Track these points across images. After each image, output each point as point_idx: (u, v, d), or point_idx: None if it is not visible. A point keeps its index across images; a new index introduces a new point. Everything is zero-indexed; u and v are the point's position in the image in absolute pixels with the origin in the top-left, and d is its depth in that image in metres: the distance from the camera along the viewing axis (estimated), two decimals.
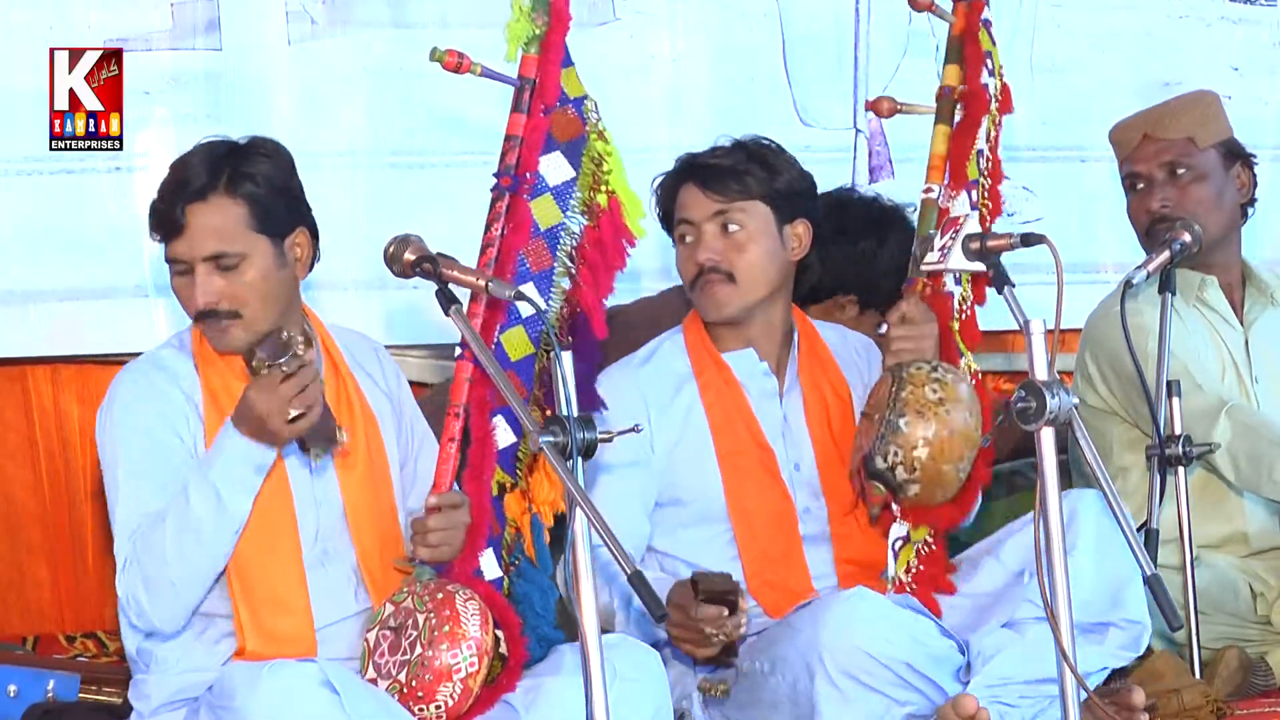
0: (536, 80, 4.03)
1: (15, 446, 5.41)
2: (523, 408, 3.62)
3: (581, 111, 4.06)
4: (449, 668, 3.73)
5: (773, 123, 5.85)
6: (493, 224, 4.00)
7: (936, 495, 4.18)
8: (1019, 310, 3.88)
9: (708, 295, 4.27)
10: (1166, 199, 4.88)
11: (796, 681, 3.98)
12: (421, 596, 3.79)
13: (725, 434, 4.28)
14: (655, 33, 5.80)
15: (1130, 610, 4.19)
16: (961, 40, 4.52)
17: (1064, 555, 3.70)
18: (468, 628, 3.74)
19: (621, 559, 3.39)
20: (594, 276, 4.09)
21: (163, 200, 3.86)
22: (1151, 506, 4.57)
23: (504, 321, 3.99)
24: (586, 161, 4.06)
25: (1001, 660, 4.07)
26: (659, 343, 4.41)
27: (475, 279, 3.75)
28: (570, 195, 4.05)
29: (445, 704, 3.74)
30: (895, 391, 4.14)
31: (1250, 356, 4.98)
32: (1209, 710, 4.46)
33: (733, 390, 4.32)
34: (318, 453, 3.80)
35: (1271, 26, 6.36)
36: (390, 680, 3.76)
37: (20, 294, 5.25)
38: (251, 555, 3.81)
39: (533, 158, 4.01)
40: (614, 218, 4.10)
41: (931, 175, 4.44)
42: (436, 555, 3.88)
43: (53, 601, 5.43)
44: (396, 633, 3.78)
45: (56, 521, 5.43)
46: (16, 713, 4.43)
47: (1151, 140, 4.93)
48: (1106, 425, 4.96)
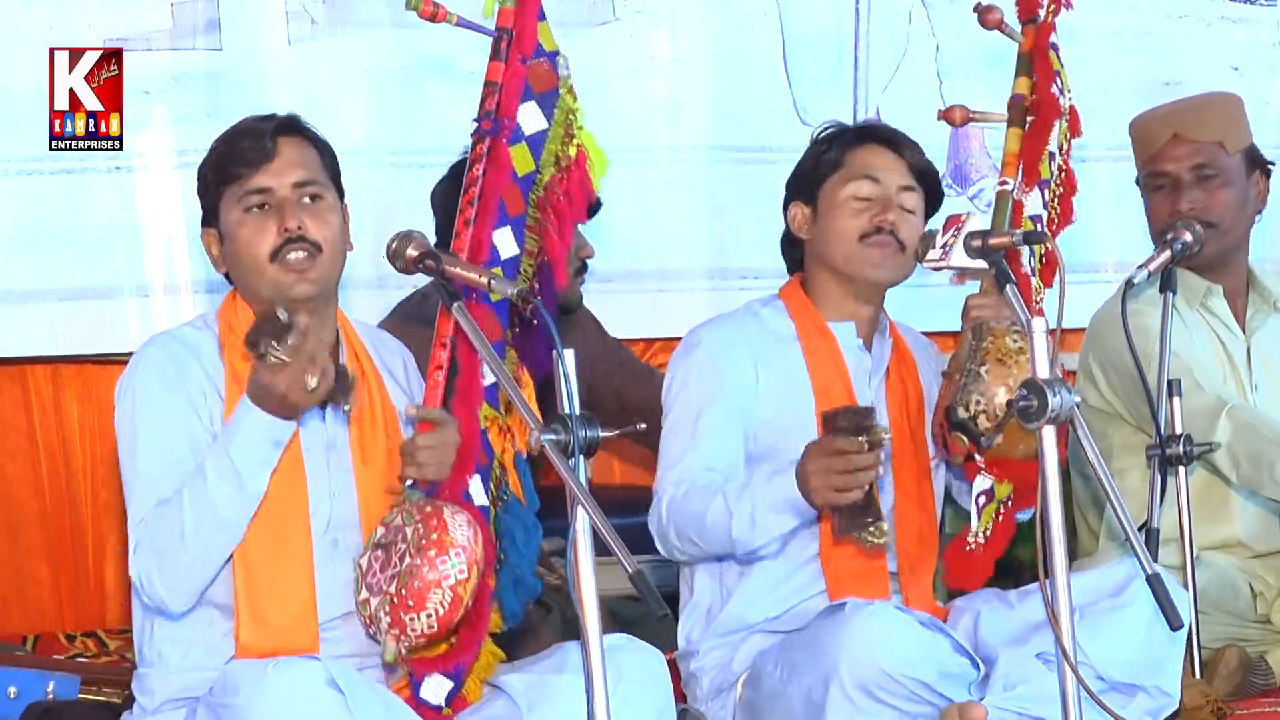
0: (513, 31, 4.04)
1: (15, 446, 5.41)
2: (524, 404, 3.62)
3: (555, 65, 4.08)
4: (439, 575, 3.68)
5: (773, 123, 5.87)
6: (474, 164, 4.01)
7: (1019, 447, 4.12)
8: (1021, 309, 3.88)
9: (883, 255, 4.28)
10: (1194, 202, 4.87)
11: (811, 691, 3.98)
12: (410, 512, 3.75)
13: (826, 397, 4.27)
14: (655, 33, 5.81)
15: (1165, 681, 4.15)
16: (1031, 56, 4.56)
17: (1065, 558, 3.71)
18: (456, 535, 3.71)
19: (623, 558, 3.39)
20: (560, 226, 4.09)
21: (248, 133, 3.85)
22: (1152, 506, 4.57)
23: (486, 260, 3.98)
24: (559, 113, 4.08)
25: (1025, 690, 4.06)
26: (753, 306, 4.42)
27: (477, 276, 3.74)
28: (541, 146, 4.06)
29: (436, 612, 3.69)
30: (976, 343, 4.12)
31: (1251, 363, 4.98)
32: (1209, 710, 4.46)
33: (835, 358, 4.32)
34: (345, 403, 3.76)
35: (1271, 26, 6.37)
36: (381, 595, 3.71)
37: (20, 294, 5.25)
38: (259, 540, 3.78)
39: (512, 104, 4.02)
40: (581, 170, 4.11)
41: (1005, 170, 4.47)
42: (424, 474, 3.84)
43: (53, 601, 5.43)
44: (386, 550, 3.75)
45: (56, 521, 5.43)
46: (16, 714, 4.43)
47: (1182, 141, 4.91)
48: (1107, 426, 4.96)
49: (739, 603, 4.26)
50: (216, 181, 3.87)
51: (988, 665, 4.12)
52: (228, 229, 3.86)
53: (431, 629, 3.72)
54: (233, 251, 3.87)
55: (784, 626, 4.20)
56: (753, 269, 5.54)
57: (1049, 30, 4.57)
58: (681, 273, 5.84)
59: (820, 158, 4.37)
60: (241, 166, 3.83)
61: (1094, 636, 4.03)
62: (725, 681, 4.26)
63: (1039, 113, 4.50)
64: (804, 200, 4.36)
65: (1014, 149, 4.48)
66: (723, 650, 4.27)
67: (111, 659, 5.17)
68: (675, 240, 5.83)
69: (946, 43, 6.01)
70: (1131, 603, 4.09)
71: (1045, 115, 4.50)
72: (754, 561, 4.22)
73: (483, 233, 3.97)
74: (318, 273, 3.83)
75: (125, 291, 5.31)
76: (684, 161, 5.87)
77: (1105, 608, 4.11)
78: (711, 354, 4.30)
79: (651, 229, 5.82)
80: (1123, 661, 4.05)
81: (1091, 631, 4.03)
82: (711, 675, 4.28)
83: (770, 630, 4.22)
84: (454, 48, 5.55)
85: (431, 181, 5.11)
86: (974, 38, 5.97)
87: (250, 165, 3.83)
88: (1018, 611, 4.19)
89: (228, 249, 3.88)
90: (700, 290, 5.86)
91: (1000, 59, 4.56)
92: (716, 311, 5.64)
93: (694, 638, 4.32)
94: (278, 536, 3.80)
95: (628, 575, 3.38)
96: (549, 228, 4.06)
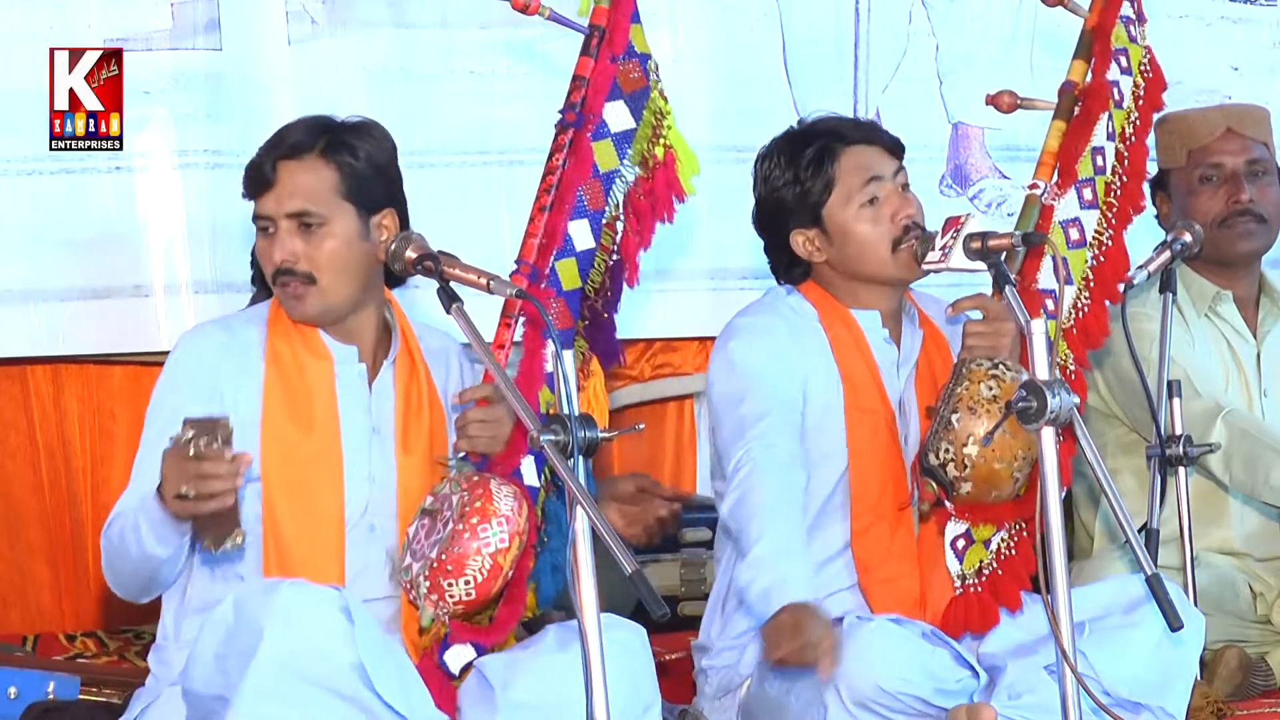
0: (605, 30, 4.06)
1: (16, 446, 5.40)
2: (526, 407, 3.61)
3: (646, 69, 4.10)
4: (479, 543, 3.70)
5: (773, 123, 5.84)
6: (554, 155, 4.04)
7: (989, 494, 4.09)
8: (1021, 310, 3.87)
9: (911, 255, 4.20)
10: (1253, 194, 4.87)
11: (810, 705, 3.99)
12: (458, 481, 3.78)
13: (851, 387, 4.23)
14: (655, 33, 5.74)
15: (1171, 703, 4.13)
16: (1093, 35, 4.44)
17: (1065, 559, 3.71)
18: (499, 505, 3.72)
19: (622, 558, 3.39)
20: (640, 225, 4.12)
21: (257, 156, 3.90)
22: (1152, 507, 4.57)
23: (560, 247, 4.01)
24: (648, 114, 4.11)
25: (1030, 700, 4.05)
26: (771, 296, 4.35)
27: (477, 277, 3.74)
28: (628, 144, 4.10)
29: (474, 579, 3.71)
30: (952, 387, 4.09)
31: (1261, 370, 4.98)
32: (1209, 711, 4.46)
33: (861, 348, 4.27)
34: (209, 545, 3.68)
35: (1271, 26, 6.36)
36: (423, 560, 3.73)
37: (20, 294, 5.24)
38: (291, 518, 3.83)
39: (598, 100, 4.06)
40: (668, 171, 4.14)
41: (1040, 172, 4.38)
42: (475, 446, 3.88)
43: (53, 601, 5.43)
44: (433, 517, 3.77)
45: (57, 521, 5.42)
46: (16, 714, 4.43)
47: (1237, 135, 4.93)
48: (1104, 426, 4.96)
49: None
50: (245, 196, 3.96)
51: (995, 674, 4.10)
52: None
53: (469, 596, 3.72)
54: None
55: None
56: (753, 269, 5.53)
57: (1118, 4, 4.45)
58: (681, 273, 5.83)
59: (806, 185, 4.25)
60: (248, 190, 3.91)
61: (1102, 652, 4.02)
62: (731, 683, 4.26)
63: (1085, 104, 4.40)
64: (806, 226, 4.27)
65: (1052, 147, 4.38)
66: (732, 652, 4.26)
67: (111, 659, 5.18)
68: (675, 240, 5.82)
69: (946, 43, 6.01)
70: (1142, 621, 4.07)
71: (1091, 106, 4.39)
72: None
73: (558, 222, 4.02)
74: (313, 300, 3.89)
75: (125, 291, 5.30)
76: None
77: (1115, 624, 4.10)
78: (761, 350, 4.23)
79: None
80: (1129, 679, 4.03)
81: (1099, 647, 4.03)
82: (720, 675, 4.28)
83: None
84: (454, 48, 5.56)
85: (432, 181, 5.11)
86: (974, 38, 6.00)
87: (253, 191, 3.90)
88: (1026, 620, 4.17)
89: None
90: (700, 290, 5.85)
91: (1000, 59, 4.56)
92: (716, 311, 5.67)
93: (713, 634, 4.31)
94: (310, 515, 3.84)
95: (627, 575, 3.38)
96: (628, 226, 4.08)
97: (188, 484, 3.56)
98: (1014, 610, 4.16)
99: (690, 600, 5.39)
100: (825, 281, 4.31)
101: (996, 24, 5.90)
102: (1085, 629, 4.04)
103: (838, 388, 4.23)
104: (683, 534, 5.48)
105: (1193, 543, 4.62)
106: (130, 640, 5.27)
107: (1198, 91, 5.85)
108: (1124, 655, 4.05)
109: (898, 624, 4.04)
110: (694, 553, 5.48)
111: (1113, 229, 4.41)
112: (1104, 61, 4.43)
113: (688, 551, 5.49)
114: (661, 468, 6.02)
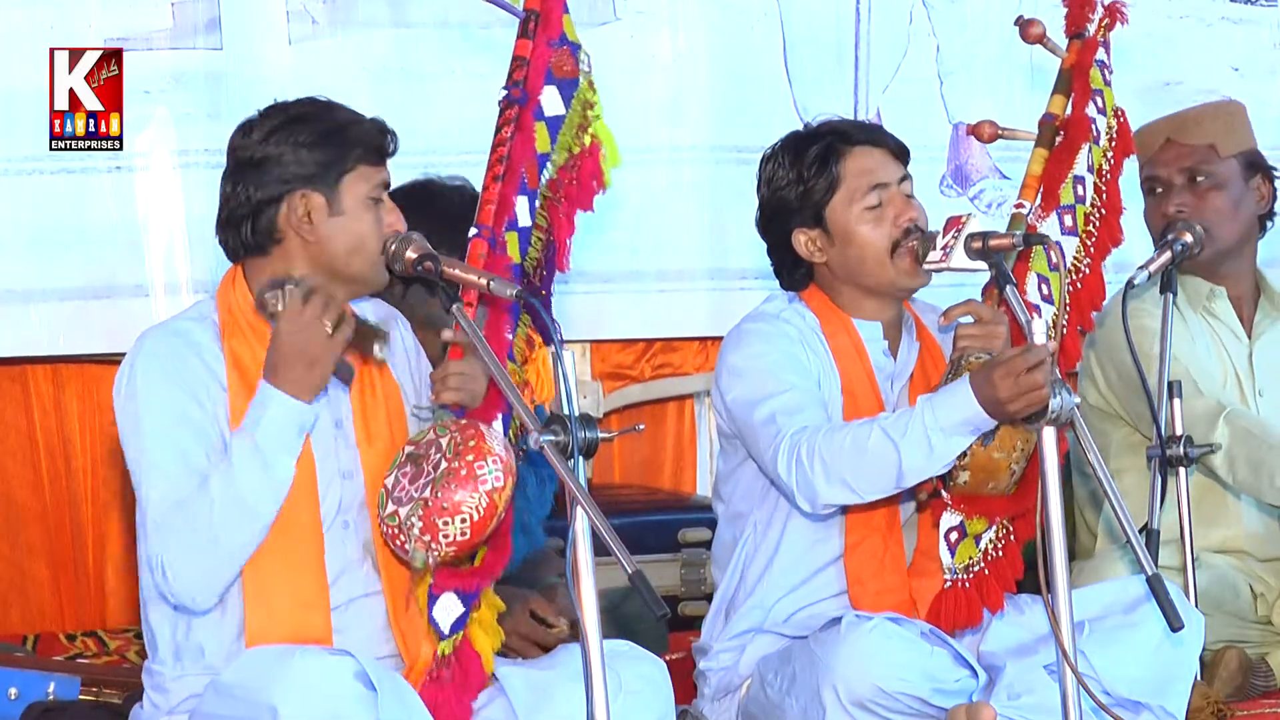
0: (540, 14, 4.06)
1: (16, 446, 5.41)
2: (526, 407, 3.61)
3: (577, 58, 4.10)
4: (475, 480, 3.62)
5: (773, 123, 5.85)
6: (503, 128, 4.02)
7: (987, 484, 4.08)
8: (1021, 310, 3.87)
9: (913, 262, 4.21)
10: (1183, 204, 4.88)
11: (809, 707, 3.99)
12: (444, 425, 3.71)
13: (850, 397, 4.22)
14: (655, 33, 5.81)
15: (1171, 703, 4.12)
16: (1071, 74, 4.49)
17: (1065, 559, 3.71)
18: (493, 444, 3.65)
19: (622, 559, 3.38)
20: (569, 210, 4.09)
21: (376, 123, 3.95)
22: (1152, 507, 4.57)
23: (510, 219, 4.01)
24: (576, 103, 4.09)
25: (1029, 701, 4.04)
26: (772, 305, 4.33)
27: (476, 277, 3.74)
28: (557, 131, 4.08)
29: (470, 517, 3.61)
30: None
31: (1254, 369, 4.98)
32: (1209, 711, 4.46)
33: (862, 358, 4.27)
34: (380, 348, 3.77)
35: (1271, 26, 6.37)
36: (413, 502, 3.64)
37: (20, 294, 5.25)
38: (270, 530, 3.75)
39: (538, 82, 4.05)
40: (593, 160, 4.11)
41: (1024, 193, 4.40)
42: (457, 399, 3.82)
43: (53, 601, 5.43)
44: (417, 462, 3.68)
45: (57, 521, 5.43)
46: (16, 714, 4.43)
47: (1174, 145, 4.93)
48: (1106, 426, 4.96)
49: (758, 597, 4.25)
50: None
51: (994, 674, 4.10)
52: None
53: (464, 535, 3.63)
54: None
55: (791, 631, 4.20)
56: (753, 269, 5.54)
57: (1095, 47, 4.51)
58: (681, 273, 5.83)
59: (810, 183, 4.25)
60: (358, 148, 3.97)
61: (1102, 651, 4.02)
62: (730, 684, 4.26)
63: (1067, 134, 4.44)
64: (808, 225, 4.27)
65: (1036, 171, 4.41)
66: (731, 653, 4.26)
67: (111, 659, 5.18)
68: (675, 240, 5.83)
69: (946, 43, 6.01)
70: (1143, 621, 4.06)
71: (1073, 137, 4.43)
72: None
73: (509, 193, 4.00)
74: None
75: (125, 291, 5.30)
76: (684, 161, 5.87)
77: (1116, 624, 4.10)
78: (777, 347, 4.21)
79: (651, 229, 5.82)
80: (1129, 679, 4.03)
81: (1100, 646, 4.03)
82: (719, 676, 4.28)
83: (779, 633, 4.21)
84: (454, 48, 5.56)
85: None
86: (974, 38, 6.00)
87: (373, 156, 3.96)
88: (1027, 620, 4.17)
89: None
90: (700, 290, 5.86)
91: (1000, 59, 4.56)
92: (716, 311, 5.67)
93: (714, 634, 4.31)
94: (286, 520, 3.73)
95: (627, 575, 3.38)
96: (558, 210, 4.08)
97: (327, 317, 3.64)
98: (995, 610, 4.17)
99: (690, 600, 5.39)
100: (827, 286, 4.30)
101: (996, 24, 5.89)
102: (1085, 629, 4.04)
103: (838, 397, 4.23)
104: (683, 534, 5.49)
105: (1193, 543, 4.63)
106: (130, 640, 5.26)
107: (1197, 92, 5.85)
108: (1124, 655, 4.05)
109: (896, 624, 4.04)
110: (694, 553, 5.48)
111: (1091, 258, 4.44)
112: (1083, 98, 4.47)
113: (688, 551, 5.50)
114: (661, 468, 6.03)
